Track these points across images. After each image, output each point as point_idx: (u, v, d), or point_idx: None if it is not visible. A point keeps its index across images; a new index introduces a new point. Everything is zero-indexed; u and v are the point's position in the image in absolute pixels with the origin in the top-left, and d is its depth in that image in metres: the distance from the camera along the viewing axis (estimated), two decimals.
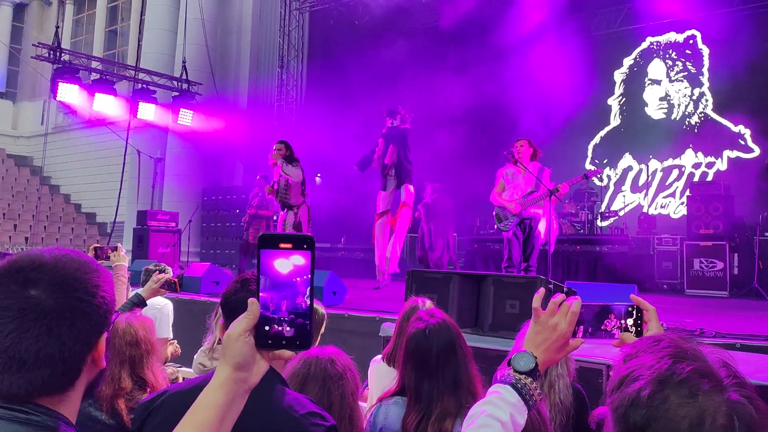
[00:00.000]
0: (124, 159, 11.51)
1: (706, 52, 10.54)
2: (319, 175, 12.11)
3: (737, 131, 10.09)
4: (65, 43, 17.18)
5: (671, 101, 10.90)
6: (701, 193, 8.36)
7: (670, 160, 10.72)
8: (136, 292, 3.03)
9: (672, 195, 10.65)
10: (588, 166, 11.18)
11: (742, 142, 10.03)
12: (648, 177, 10.76)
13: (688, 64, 10.76)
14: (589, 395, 2.50)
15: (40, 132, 19.25)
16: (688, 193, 8.93)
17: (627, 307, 1.29)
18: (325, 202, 10.15)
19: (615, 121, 11.49)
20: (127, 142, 11.63)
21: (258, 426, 1.31)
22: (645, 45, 11.21)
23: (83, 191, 18.80)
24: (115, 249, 3.35)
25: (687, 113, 10.73)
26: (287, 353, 0.94)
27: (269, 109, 13.86)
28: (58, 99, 10.82)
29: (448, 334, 2.03)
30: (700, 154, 10.48)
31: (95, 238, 16.80)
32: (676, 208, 10.52)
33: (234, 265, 10.74)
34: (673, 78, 10.92)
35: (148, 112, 11.70)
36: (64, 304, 0.94)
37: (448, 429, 1.90)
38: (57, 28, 11.88)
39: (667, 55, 10.99)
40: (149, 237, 10.10)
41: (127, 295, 3.15)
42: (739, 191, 8.75)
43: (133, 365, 2.34)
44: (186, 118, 12.05)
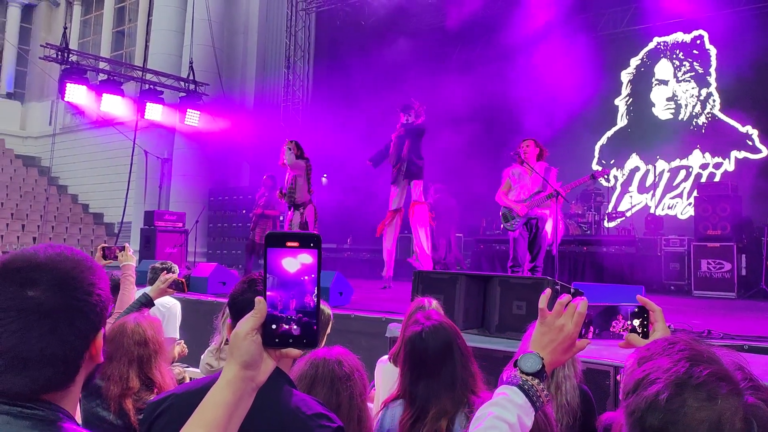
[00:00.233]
0: (132, 159, 11.56)
1: (713, 52, 10.49)
2: (325, 175, 12.13)
3: (745, 132, 10.04)
4: (73, 44, 17.32)
5: (678, 101, 10.85)
6: (708, 194, 8.29)
7: (678, 160, 10.67)
8: (143, 292, 3.03)
9: (679, 196, 10.60)
10: (595, 167, 11.13)
11: (750, 143, 9.98)
12: (655, 178, 10.71)
13: (695, 64, 10.71)
14: (596, 397, 2.49)
15: (48, 132, 19.32)
16: (695, 193, 8.89)
17: (633, 308, 1.29)
18: (331, 203, 10.15)
19: (622, 121, 11.44)
20: (135, 143, 11.68)
21: (265, 426, 1.31)
22: (652, 45, 11.16)
23: (91, 191, 18.86)
24: (122, 249, 3.36)
25: (694, 114, 10.68)
26: (294, 352, 0.94)
27: (275, 110, 13.89)
28: (66, 99, 10.87)
29: (445, 335, 2.04)
30: (707, 154, 10.42)
31: (103, 239, 16.86)
32: (683, 208, 10.47)
33: (240, 266, 10.75)
34: (680, 78, 10.86)
35: (155, 112, 11.74)
36: (64, 304, 0.95)
37: (443, 428, 1.91)
38: (65, 29, 11.98)
39: (674, 56, 10.94)
40: (156, 237, 10.14)
41: (134, 295, 3.17)
42: (747, 192, 8.71)
43: (141, 365, 2.35)
44: (193, 118, 12.08)
